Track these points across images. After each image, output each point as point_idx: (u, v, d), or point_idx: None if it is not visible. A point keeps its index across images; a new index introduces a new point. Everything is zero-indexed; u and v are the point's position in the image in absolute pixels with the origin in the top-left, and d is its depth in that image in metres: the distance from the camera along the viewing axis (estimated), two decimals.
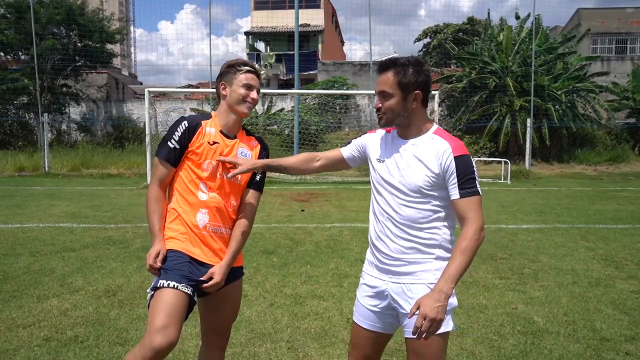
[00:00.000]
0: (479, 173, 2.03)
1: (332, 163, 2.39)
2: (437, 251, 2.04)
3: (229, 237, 2.34)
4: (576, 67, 20.69)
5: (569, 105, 20.02)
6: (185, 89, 26.22)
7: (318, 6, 35.39)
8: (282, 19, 32.25)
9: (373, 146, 2.22)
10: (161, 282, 2.13)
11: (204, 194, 2.28)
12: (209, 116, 2.38)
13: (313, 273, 5.31)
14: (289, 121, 19.56)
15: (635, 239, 7.11)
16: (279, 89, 29.43)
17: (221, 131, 2.35)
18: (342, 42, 47.47)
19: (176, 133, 2.27)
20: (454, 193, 1.98)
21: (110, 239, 6.84)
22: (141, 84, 36.18)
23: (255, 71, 2.36)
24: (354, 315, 2.24)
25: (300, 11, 22.06)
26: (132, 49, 67.48)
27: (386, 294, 2.10)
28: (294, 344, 3.57)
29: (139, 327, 3.79)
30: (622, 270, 5.49)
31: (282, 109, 21.70)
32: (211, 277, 2.22)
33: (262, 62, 31.44)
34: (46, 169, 16.34)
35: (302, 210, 9.38)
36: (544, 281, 5.08)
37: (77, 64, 22.94)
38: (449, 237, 2.07)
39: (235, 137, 2.39)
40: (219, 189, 2.30)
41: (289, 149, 17.49)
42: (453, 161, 1.97)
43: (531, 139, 18.03)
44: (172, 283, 2.12)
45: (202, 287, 2.22)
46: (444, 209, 2.05)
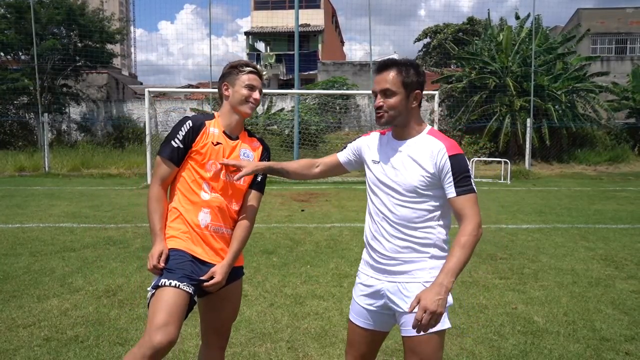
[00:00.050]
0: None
1: (330, 168, 2.43)
2: (432, 250, 2.06)
3: (229, 237, 2.35)
4: (576, 67, 20.70)
5: (568, 105, 20.03)
6: (185, 89, 26.22)
7: (318, 6, 35.40)
8: (282, 19, 32.26)
9: (368, 148, 2.25)
10: (163, 280, 2.14)
11: (206, 194, 2.28)
12: (212, 116, 2.39)
13: (313, 273, 5.31)
14: (289, 121, 19.55)
15: (635, 239, 7.11)
16: (279, 89, 29.43)
17: (224, 132, 2.36)
18: (342, 42, 47.48)
19: (180, 132, 2.27)
20: (451, 191, 2.01)
21: (110, 239, 6.84)
22: (141, 84, 36.19)
23: (258, 72, 2.37)
24: (350, 314, 2.27)
25: (300, 11, 22.07)
26: (132, 49, 67.51)
27: (382, 293, 2.12)
28: (294, 344, 3.57)
29: (139, 327, 3.79)
30: (622, 270, 5.50)
31: (282, 109, 21.70)
32: (212, 276, 2.23)
33: (262, 62, 31.43)
34: (46, 169, 16.34)
35: (302, 210, 9.39)
36: (544, 281, 5.09)
37: (77, 64, 22.96)
38: (444, 237, 2.10)
39: (237, 137, 2.40)
40: (221, 189, 2.31)
41: (289, 149, 17.48)
42: (448, 160, 2.00)
43: (531, 139, 18.03)
44: (173, 282, 2.13)
45: (204, 286, 2.22)
46: (438, 209, 2.07)
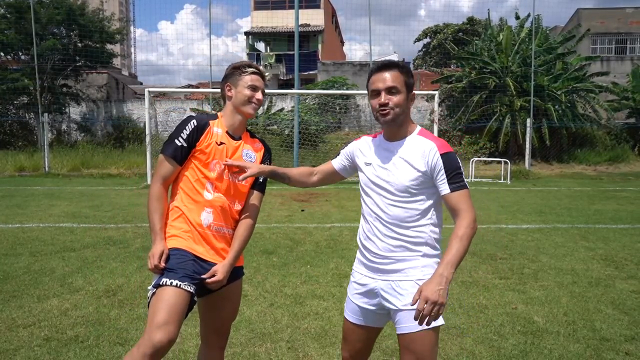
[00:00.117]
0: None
1: (327, 176, 2.49)
2: (424, 249, 2.10)
3: (230, 237, 2.36)
4: (576, 67, 20.71)
5: (568, 105, 20.04)
6: (185, 89, 26.23)
7: (318, 6, 35.39)
8: (282, 19, 32.26)
9: (360, 151, 2.30)
10: (164, 280, 2.14)
11: (209, 194, 2.29)
12: (216, 116, 2.40)
13: (313, 273, 5.31)
14: (289, 121, 19.54)
15: (635, 239, 7.11)
16: (279, 89, 29.42)
17: (227, 132, 2.37)
18: (342, 42, 47.48)
19: (184, 131, 2.28)
20: (444, 188, 2.04)
21: (110, 239, 6.85)
22: (141, 84, 36.20)
23: (260, 73, 2.39)
24: (345, 312, 2.31)
25: (300, 11, 22.07)
26: (132, 49, 67.54)
27: (376, 291, 2.15)
28: (294, 344, 3.57)
29: (139, 327, 3.79)
30: (621, 270, 5.50)
31: (282, 109, 21.70)
32: (213, 275, 2.24)
33: (262, 62, 31.43)
34: (46, 169, 16.35)
35: (302, 210, 9.39)
36: (544, 281, 5.09)
37: (77, 64, 22.97)
38: (436, 235, 2.14)
39: (240, 138, 2.41)
40: (225, 189, 2.32)
41: (289, 149, 17.46)
42: (440, 158, 2.04)
43: (531, 139, 18.04)
44: (174, 282, 2.13)
45: (205, 282, 2.23)
46: (430, 208, 2.11)
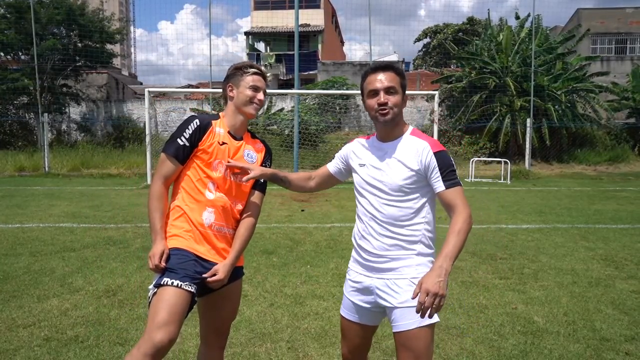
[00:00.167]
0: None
1: (324, 180, 2.52)
2: (417, 247, 2.14)
3: (231, 237, 2.37)
4: (576, 67, 20.70)
5: (568, 105, 20.04)
6: (185, 89, 26.21)
7: (318, 6, 35.39)
8: (282, 19, 32.26)
9: (354, 153, 2.34)
10: (165, 279, 2.14)
11: (211, 194, 2.29)
12: (218, 117, 2.41)
13: (313, 273, 5.31)
14: (289, 121, 19.54)
15: (635, 239, 7.11)
16: (279, 89, 29.42)
17: (229, 132, 2.38)
18: (342, 42, 47.48)
19: (187, 131, 2.28)
20: (439, 185, 2.08)
21: (110, 239, 6.85)
22: (141, 84, 36.20)
23: (262, 73, 2.40)
24: (341, 309, 2.35)
25: (300, 11, 22.06)
26: (132, 49, 67.55)
27: (371, 289, 2.19)
28: (294, 344, 3.57)
29: (139, 327, 3.79)
30: (622, 270, 5.50)
31: (282, 109, 21.69)
32: (214, 274, 2.24)
33: (262, 62, 31.42)
34: (46, 169, 16.35)
35: (302, 210, 9.39)
36: (544, 281, 5.09)
37: (77, 64, 22.96)
38: (430, 234, 2.18)
39: (241, 138, 2.42)
40: (227, 189, 2.33)
41: (289, 149, 17.46)
42: (433, 157, 2.08)
43: (531, 139, 18.04)
44: (175, 282, 2.13)
45: (207, 281, 2.23)
46: (423, 207, 2.15)
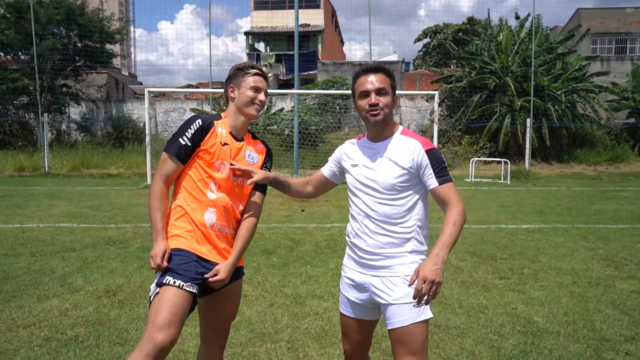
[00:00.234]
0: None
1: (320, 184, 2.53)
2: (411, 244, 2.18)
3: (232, 237, 2.37)
4: (576, 67, 20.70)
5: (568, 105, 20.03)
6: (185, 89, 26.20)
7: (318, 6, 35.39)
8: (282, 19, 32.25)
9: (346, 154, 2.37)
10: (167, 278, 2.14)
11: (212, 194, 2.29)
12: (219, 117, 2.41)
13: (313, 273, 5.31)
14: (289, 121, 19.54)
15: (635, 239, 7.11)
16: (279, 89, 29.41)
17: (230, 132, 2.38)
18: (342, 42, 47.48)
19: (189, 130, 2.28)
20: (432, 182, 2.12)
21: (110, 239, 6.85)
22: (141, 84, 36.19)
23: (263, 74, 2.40)
24: (340, 306, 2.38)
25: (300, 11, 22.06)
26: (132, 49, 67.58)
27: (366, 286, 2.22)
28: (294, 344, 3.57)
29: (139, 327, 3.79)
30: (622, 270, 5.50)
31: (281, 109, 21.69)
32: (216, 274, 2.24)
33: (262, 62, 31.41)
34: (46, 169, 16.35)
35: (302, 210, 9.38)
36: (544, 281, 5.09)
37: (77, 64, 22.96)
38: (422, 231, 2.22)
39: (242, 139, 2.42)
40: (228, 190, 2.33)
41: (289, 149, 17.46)
42: (425, 155, 2.13)
43: (531, 139, 18.05)
44: (177, 282, 2.13)
45: (208, 282, 2.23)
46: (416, 204, 2.19)
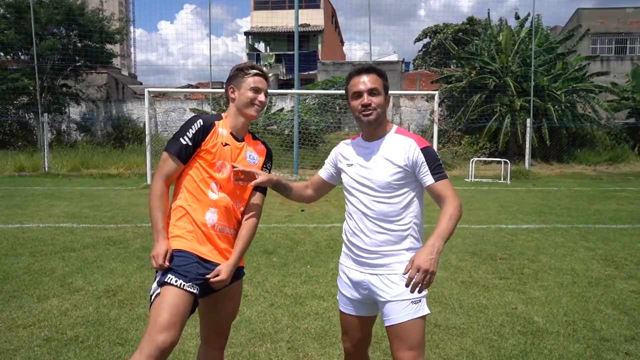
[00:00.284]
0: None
1: (319, 187, 2.55)
2: (407, 242, 2.20)
3: (233, 237, 2.37)
4: (576, 68, 20.69)
5: (568, 105, 20.03)
6: (185, 89, 26.19)
7: (318, 6, 35.40)
8: (281, 19, 32.26)
9: (341, 155, 2.40)
10: (169, 276, 2.14)
11: (214, 194, 2.29)
12: (220, 117, 2.40)
13: (313, 273, 5.31)
14: (289, 121, 19.53)
15: (635, 239, 7.11)
16: (279, 89, 29.41)
17: (231, 133, 2.38)
18: (342, 42, 47.49)
19: (190, 130, 2.27)
20: (428, 179, 2.15)
21: (110, 239, 6.85)
22: (141, 84, 36.18)
23: (263, 74, 2.39)
24: (339, 305, 2.39)
25: (300, 11, 22.05)
26: (132, 49, 67.58)
27: (365, 284, 2.24)
28: (294, 344, 3.57)
29: (139, 327, 3.79)
30: (621, 270, 5.50)
31: (281, 109, 21.68)
32: (217, 274, 2.24)
33: (262, 62, 31.41)
34: (46, 169, 16.35)
35: (302, 211, 9.38)
36: (544, 281, 5.09)
37: (77, 64, 22.96)
38: (418, 228, 2.25)
39: (243, 139, 2.42)
40: (230, 190, 2.33)
41: (289, 149, 17.46)
42: (420, 153, 2.16)
43: (531, 139, 18.04)
44: (179, 281, 2.13)
45: (209, 282, 2.23)
46: (412, 201, 2.22)
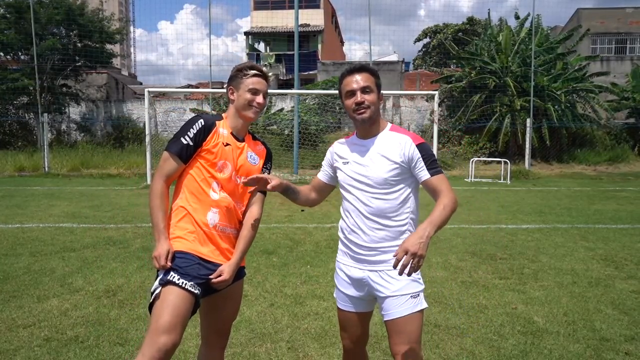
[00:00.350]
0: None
1: (320, 190, 2.57)
2: (405, 237, 2.20)
3: (234, 238, 2.37)
4: (576, 68, 20.70)
5: (568, 105, 20.03)
6: (185, 89, 26.18)
7: (318, 6, 35.39)
8: (281, 19, 32.26)
9: (336, 154, 2.42)
10: (172, 274, 2.14)
11: (215, 194, 2.28)
12: (221, 117, 2.40)
13: (313, 273, 5.31)
14: (289, 121, 19.53)
15: (635, 239, 7.11)
16: (278, 89, 29.40)
17: (231, 133, 2.37)
18: (342, 42, 47.49)
19: (191, 130, 2.27)
20: (424, 174, 2.19)
21: (110, 239, 6.85)
22: (141, 84, 36.18)
23: (263, 74, 2.37)
24: (337, 302, 2.41)
25: (300, 11, 22.05)
26: (131, 49, 67.62)
27: (364, 281, 2.27)
28: (294, 344, 3.57)
29: (139, 327, 3.79)
30: (621, 270, 5.50)
31: (281, 109, 21.68)
32: (219, 275, 2.24)
33: (262, 62, 31.41)
34: (46, 169, 16.35)
35: (302, 210, 9.38)
36: (544, 281, 5.09)
37: (77, 64, 22.96)
38: (415, 223, 2.28)
39: (243, 140, 2.42)
40: (231, 190, 2.32)
41: (289, 149, 17.46)
42: (416, 149, 2.20)
43: (531, 139, 18.04)
44: (181, 280, 2.13)
45: (211, 282, 2.23)
46: (409, 197, 2.25)
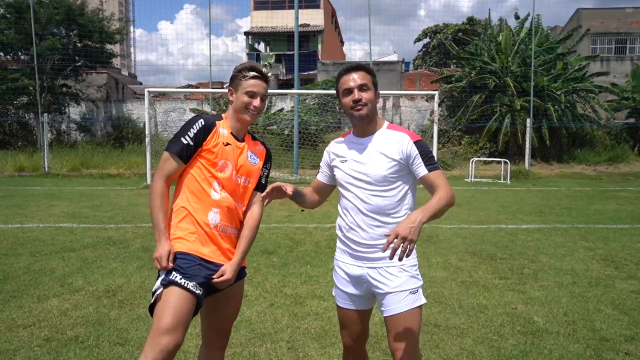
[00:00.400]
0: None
1: (321, 190, 2.57)
2: None
3: (235, 237, 2.38)
4: (576, 68, 20.70)
5: (568, 105, 20.03)
6: (185, 89, 26.17)
7: (318, 6, 35.40)
8: (281, 19, 32.27)
9: (333, 154, 2.42)
10: (174, 274, 2.14)
11: (216, 194, 2.28)
12: (220, 117, 2.40)
13: (313, 273, 5.31)
14: (289, 121, 19.53)
15: (635, 239, 7.11)
16: (278, 89, 29.40)
17: (231, 133, 2.38)
18: (342, 42, 47.49)
19: (191, 130, 2.27)
20: (422, 170, 2.21)
21: (110, 239, 6.85)
22: (141, 84, 36.18)
23: (262, 76, 2.34)
24: (337, 300, 2.42)
25: (300, 11, 22.05)
26: (131, 49, 67.63)
27: (364, 278, 2.28)
28: (294, 344, 3.58)
29: (139, 327, 3.80)
30: (621, 270, 5.50)
31: (281, 109, 21.68)
32: (222, 274, 2.25)
33: (262, 62, 31.41)
34: (46, 169, 16.35)
35: (302, 210, 9.38)
36: (544, 281, 5.09)
37: (77, 64, 22.96)
38: None
39: (243, 140, 2.42)
40: (232, 190, 2.32)
41: (289, 149, 17.47)
42: (414, 146, 2.22)
43: (531, 139, 18.04)
44: (183, 280, 2.13)
45: (213, 282, 2.23)
46: (407, 194, 2.27)
